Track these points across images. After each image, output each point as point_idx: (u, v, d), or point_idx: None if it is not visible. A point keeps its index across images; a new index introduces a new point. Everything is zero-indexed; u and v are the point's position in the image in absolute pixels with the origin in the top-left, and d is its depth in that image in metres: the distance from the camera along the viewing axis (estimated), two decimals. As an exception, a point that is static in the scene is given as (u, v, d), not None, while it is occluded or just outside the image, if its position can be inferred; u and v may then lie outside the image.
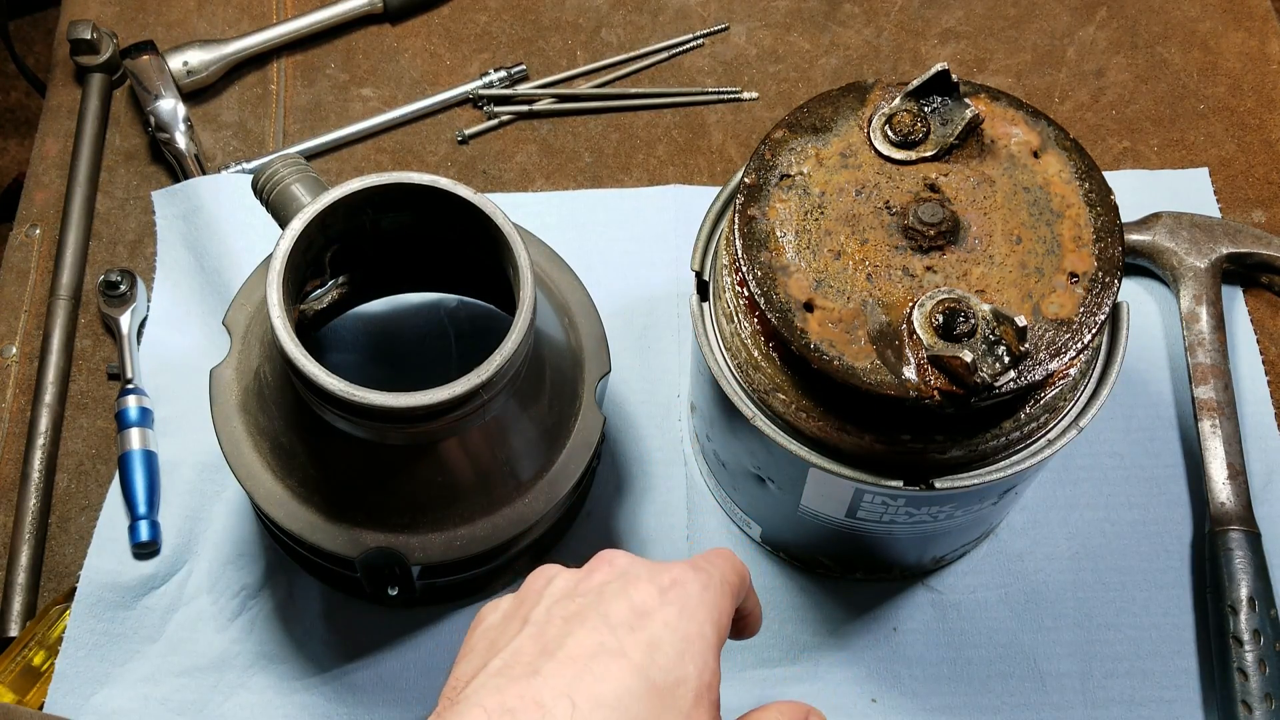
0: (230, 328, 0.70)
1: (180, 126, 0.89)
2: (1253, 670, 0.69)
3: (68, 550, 0.78)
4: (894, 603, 0.75)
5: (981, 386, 0.55)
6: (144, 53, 0.91)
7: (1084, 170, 0.62)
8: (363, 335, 0.81)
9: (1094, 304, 0.58)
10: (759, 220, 0.61)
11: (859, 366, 0.57)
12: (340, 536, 0.65)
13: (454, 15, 1.00)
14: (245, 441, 0.67)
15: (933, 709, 0.73)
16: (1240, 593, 0.72)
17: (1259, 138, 0.93)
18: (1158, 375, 0.83)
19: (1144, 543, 0.77)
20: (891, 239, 0.60)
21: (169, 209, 0.88)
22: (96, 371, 0.84)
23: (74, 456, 0.81)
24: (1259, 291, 0.86)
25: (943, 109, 0.63)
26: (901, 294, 0.58)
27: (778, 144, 0.63)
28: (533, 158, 0.93)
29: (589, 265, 0.77)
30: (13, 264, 0.88)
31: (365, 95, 0.96)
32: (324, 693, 0.73)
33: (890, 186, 0.61)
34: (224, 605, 0.75)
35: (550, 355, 0.68)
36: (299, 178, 0.67)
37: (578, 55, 0.98)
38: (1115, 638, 0.74)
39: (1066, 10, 0.99)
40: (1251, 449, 0.79)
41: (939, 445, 0.60)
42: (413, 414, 0.59)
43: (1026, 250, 0.59)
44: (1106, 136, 0.93)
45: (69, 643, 0.72)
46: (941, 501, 0.62)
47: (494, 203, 0.64)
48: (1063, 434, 0.61)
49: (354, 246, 0.69)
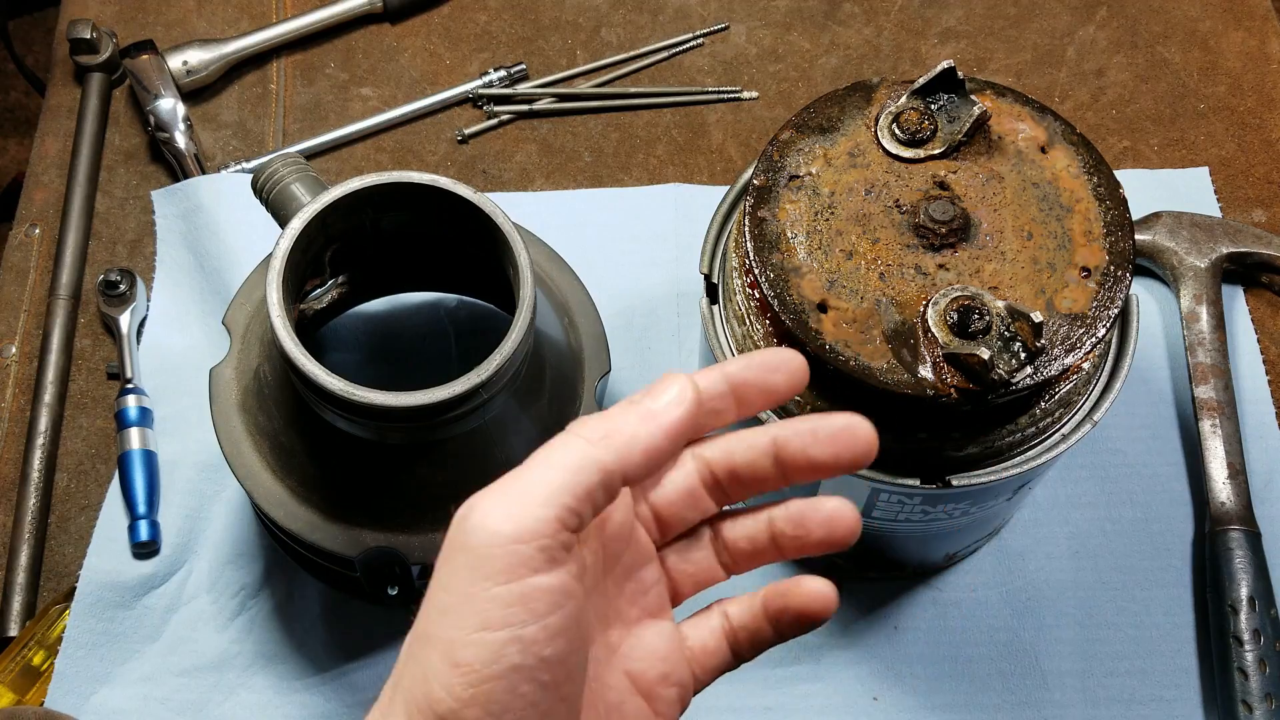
0: (230, 327, 0.70)
1: (180, 126, 0.89)
2: (1253, 670, 0.69)
3: (67, 550, 0.78)
4: (896, 601, 0.75)
5: (999, 383, 0.55)
6: (143, 52, 0.91)
7: (1092, 164, 0.62)
8: (363, 335, 0.81)
9: (1107, 298, 0.58)
10: (769, 222, 0.61)
11: (875, 366, 0.57)
12: (340, 536, 0.65)
13: (454, 15, 1.00)
14: (245, 441, 0.67)
15: (934, 707, 0.73)
16: (1240, 592, 0.72)
17: (1259, 137, 0.93)
18: (1158, 374, 0.83)
19: (1145, 542, 0.77)
20: (903, 237, 0.60)
21: (168, 208, 0.88)
22: (96, 371, 0.84)
23: (74, 456, 0.81)
24: (1259, 291, 0.86)
25: (949, 106, 0.63)
26: (915, 292, 0.58)
27: (786, 145, 0.63)
28: (532, 157, 0.92)
29: (589, 265, 0.77)
30: (12, 263, 0.88)
31: (365, 95, 0.96)
32: (324, 693, 0.73)
33: (900, 185, 0.61)
34: (224, 605, 0.75)
35: (550, 355, 0.68)
36: (299, 177, 0.67)
37: (577, 55, 0.98)
38: (1116, 636, 0.74)
39: (1067, 10, 0.99)
40: (1252, 448, 0.79)
41: (955, 442, 0.60)
42: (413, 413, 0.59)
43: (1038, 245, 0.59)
44: (1107, 136, 0.93)
45: (68, 642, 0.72)
46: (958, 499, 0.62)
47: (494, 202, 0.64)
48: (1077, 428, 0.62)
49: (354, 246, 0.69)
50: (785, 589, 0.46)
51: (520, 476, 0.40)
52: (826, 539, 0.45)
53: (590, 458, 0.40)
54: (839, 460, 0.44)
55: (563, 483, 0.39)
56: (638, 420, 0.41)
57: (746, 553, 0.47)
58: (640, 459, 0.41)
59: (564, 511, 0.39)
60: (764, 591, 0.46)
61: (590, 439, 0.40)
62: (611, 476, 0.40)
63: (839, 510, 0.45)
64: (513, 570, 0.38)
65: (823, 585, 0.45)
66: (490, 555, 0.38)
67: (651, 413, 0.41)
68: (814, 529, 0.45)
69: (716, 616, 0.47)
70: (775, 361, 0.44)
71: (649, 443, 0.41)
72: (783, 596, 0.46)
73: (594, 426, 0.41)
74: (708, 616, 0.47)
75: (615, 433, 0.41)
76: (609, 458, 0.40)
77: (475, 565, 0.39)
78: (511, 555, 0.38)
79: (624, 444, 0.41)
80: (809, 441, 0.44)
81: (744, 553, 0.47)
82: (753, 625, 0.46)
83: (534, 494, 0.39)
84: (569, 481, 0.39)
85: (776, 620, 0.46)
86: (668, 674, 0.45)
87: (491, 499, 0.40)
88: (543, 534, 0.39)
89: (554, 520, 0.39)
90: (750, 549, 0.47)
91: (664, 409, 0.42)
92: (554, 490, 0.39)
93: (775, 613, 0.46)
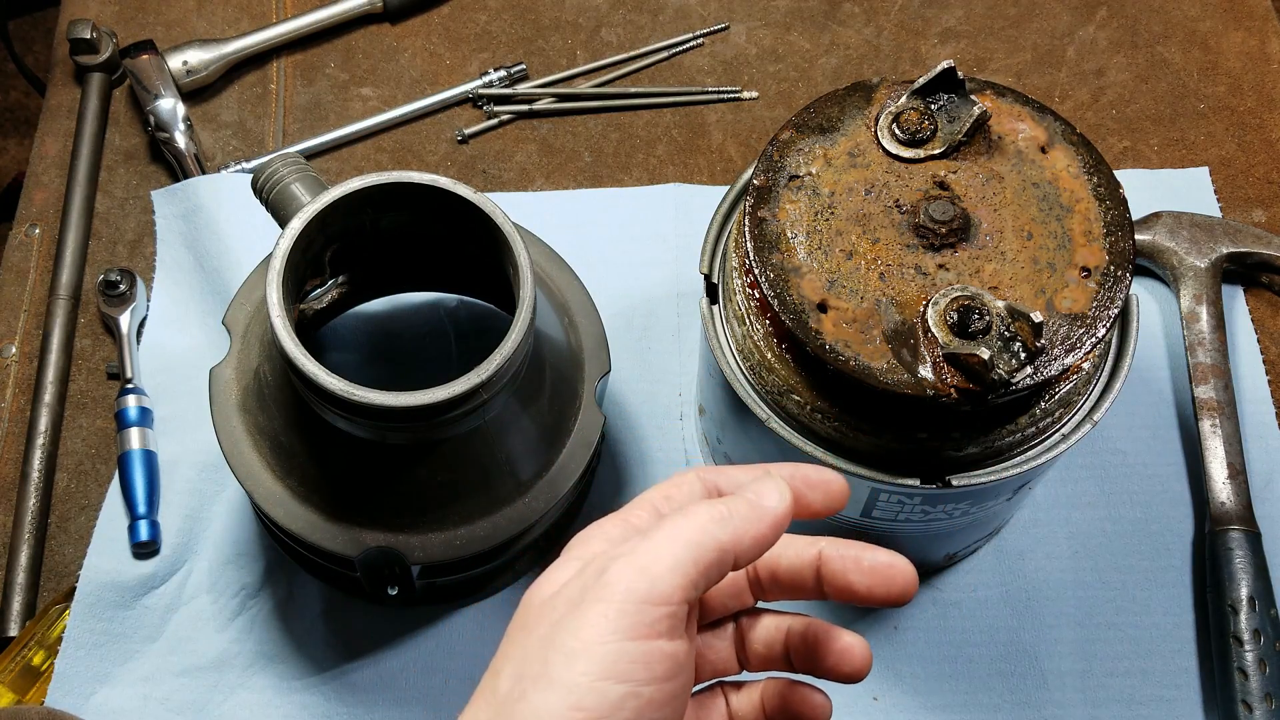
0: (230, 327, 0.70)
1: (180, 126, 0.89)
2: (1253, 670, 0.69)
3: (67, 550, 0.78)
4: (895, 602, 0.75)
5: (999, 383, 0.55)
6: (143, 52, 0.91)
7: (1092, 164, 0.62)
8: (363, 335, 0.81)
9: (1107, 298, 0.58)
10: (769, 222, 0.61)
11: (875, 366, 0.57)
12: (340, 536, 0.65)
13: (454, 15, 1.00)
14: (245, 441, 0.67)
15: (934, 707, 0.72)
16: (1240, 592, 0.72)
17: (1259, 137, 0.93)
18: (1158, 374, 0.83)
19: (1145, 542, 0.77)
20: (903, 237, 0.60)
21: (168, 208, 0.88)
22: (96, 371, 0.84)
23: (74, 456, 0.81)
24: (1259, 291, 0.86)
25: (949, 106, 0.63)
26: (915, 292, 0.58)
27: (785, 145, 0.63)
28: (532, 157, 0.92)
29: (589, 265, 0.77)
30: (12, 263, 0.88)
31: (365, 95, 0.96)
32: (324, 693, 0.73)
33: (900, 185, 0.61)
34: (224, 605, 0.75)
35: (550, 355, 0.68)
36: (298, 177, 0.67)
37: (577, 55, 0.98)
38: (1116, 636, 0.74)
39: (1067, 10, 0.99)
40: (1252, 448, 0.79)
41: (955, 443, 0.60)
42: (413, 414, 0.59)
43: (1038, 245, 0.59)
44: (1107, 136, 0.93)
45: (68, 642, 0.72)
46: (957, 499, 0.62)
47: (494, 202, 0.64)
48: (1077, 428, 0.62)
49: (354, 246, 0.69)
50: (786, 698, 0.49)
51: (652, 540, 0.42)
52: (833, 670, 0.47)
53: (712, 535, 0.42)
54: (873, 593, 0.46)
55: (689, 555, 0.41)
56: (748, 510, 0.43)
57: (761, 656, 0.49)
58: (750, 546, 0.42)
59: (688, 582, 0.41)
60: (762, 686, 0.49)
61: (713, 517, 0.42)
62: (726, 556, 0.42)
63: (850, 647, 0.47)
64: (644, 629, 0.40)
65: (822, 700, 0.48)
66: (626, 611, 0.40)
67: (763, 507, 0.43)
68: (824, 658, 0.47)
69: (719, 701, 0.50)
70: (818, 480, 0.47)
71: (758, 532, 0.43)
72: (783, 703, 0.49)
73: (716, 508, 0.43)
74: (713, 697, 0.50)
75: (734, 516, 0.42)
76: (728, 539, 0.42)
77: (613, 618, 0.40)
78: (645, 614, 0.40)
79: (740, 528, 0.42)
80: (851, 568, 0.46)
81: (758, 655, 0.49)
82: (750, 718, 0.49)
83: (664, 561, 0.41)
84: (695, 555, 0.41)
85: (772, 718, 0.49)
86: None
87: (628, 559, 0.41)
88: (672, 600, 0.40)
89: (681, 589, 0.41)
90: (764, 654, 0.49)
91: (773, 505, 0.43)
92: (681, 560, 0.41)
93: (773, 712, 0.49)
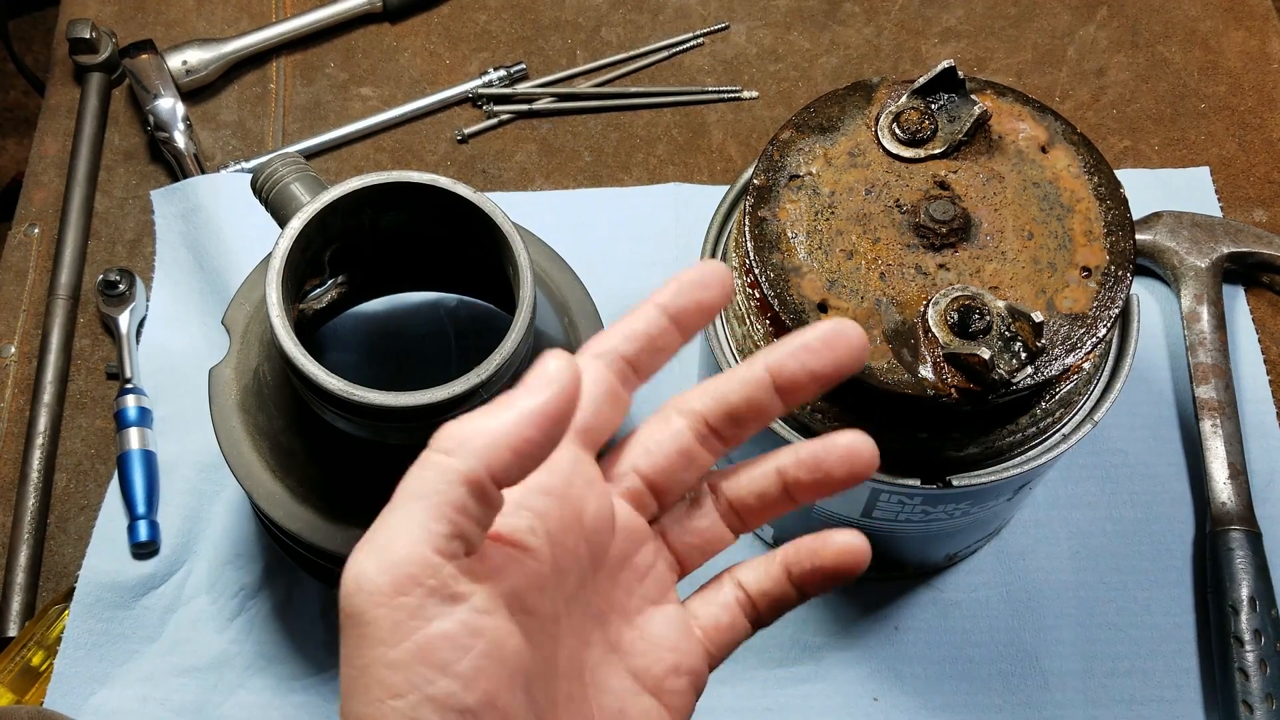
0: (229, 327, 0.70)
1: (179, 125, 0.89)
2: (1254, 670, 0.69)
3: (66, 550, 0.77)
4: (896, 602, 0.75)
5: (999, 383, 0.55)
6: (143, 52, 0.91)
7: (1093, 164, 0.62)
8: (363, 335, 0.81)
9: (1107, 298, 0.58)
10: (770, 221, 0.61)
11: (875, 366, 0.57)
12: (340, 536, 0.65)
13: (453, 14, 1.00)
14: (244, 441, 0.67)
15: (934, 707, 0.72)
16: (1241, 593, 0.71)
17: (1260, 137, 0.93)
18: (1159, 374, 0.83)
19: (1146, 542, 0.77)
20: (903, 237, 0.60)
21: (168, 208, 0.88)
22: (95, 371, 0.84)
23: (73, 456, 0.80)
24: (1260, 291, 0.86)
25: (949, 106, 0.63)
26: (915, 292, 0.58)
27: (786, 144, 0.63)
28: (532, 157, 0.92)
29: (589, 265, 0.76)
30: (11, 263, 0.88)
31: (365, 94, 0.96)
32: (323, 693, 0.73)
33: (900, 185, 0.61)
34: (223, 605, 0.74)
35: (550, 354, 0.67)
36: (298, 177, 0.67)
37: (577, 54, 0.98)
38: (1116, 637, 0.74)
39: (1067, 9, 0.99)
40: (1253, 448, 0.79)
41: (956, 443, 0.60)
42: (413, 413, 0.59)
43: (1038, 245, 0.59)
44: (1107, 135, 0.93)
45: (68, 643, 0.72)
46: (958, 499, 0.62)
47: (494, 202, 0.63)
48: (1078, 428, 0.62)
49: (353, 246, 0.69)
50: (813, 548, 0.43)
51: (384, 519, 0.36)
52: (850, 475, 0.42)
53: (449, 471, 0.36)
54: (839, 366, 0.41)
55: (426, 510, 0.35)
56: (498, 415, 0.36)
57: (755, 508, 0.44)
58: (510, 457, 0.36)
59: (439, 540, 0.35)
60: (782, 553, 0.44)
61: (446, 450, 0.36)
62: (479, 484, 0.36)
63: (855, 443, 0.42)
64: (402, 627, 0.34)
65: (853, 537, 0.42)
66: (374, 618, 0.34)
67: (511, 403, 0.36)
68: (834, 467, 0.42)
69: (728, 587, 0.44)
70: (704, 279, 0.43)
71: (515, 436, 0.36)
72: (812, 556, 0.43)
73: (447, 434, 0.36)
74: (718, 589, 0.45)
75: (473, 435, 0.36)
76: (469, 465, 0.36)
77: (362, 633, 0.35)
78: (397, 611, 0.34)
79: (485, 446, 0.36)
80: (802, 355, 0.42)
81: (752, 509, 0.44)
82: (774, 591, 0.44)
83: (401, 535, 0.35)
84: (432, 506, 0.35)
85: (803, 582, 0.43)
86: (677, 664, 0.43)
87: (362, 554, 0.35)
88: (424, 576, 0.35)
89: (431, 556, 0.35)
90: (759, 504, 0.44)
91: (525, 396, 0.36)
92: (419, 522, 0.35)
93: (802, 575, 0.43)
